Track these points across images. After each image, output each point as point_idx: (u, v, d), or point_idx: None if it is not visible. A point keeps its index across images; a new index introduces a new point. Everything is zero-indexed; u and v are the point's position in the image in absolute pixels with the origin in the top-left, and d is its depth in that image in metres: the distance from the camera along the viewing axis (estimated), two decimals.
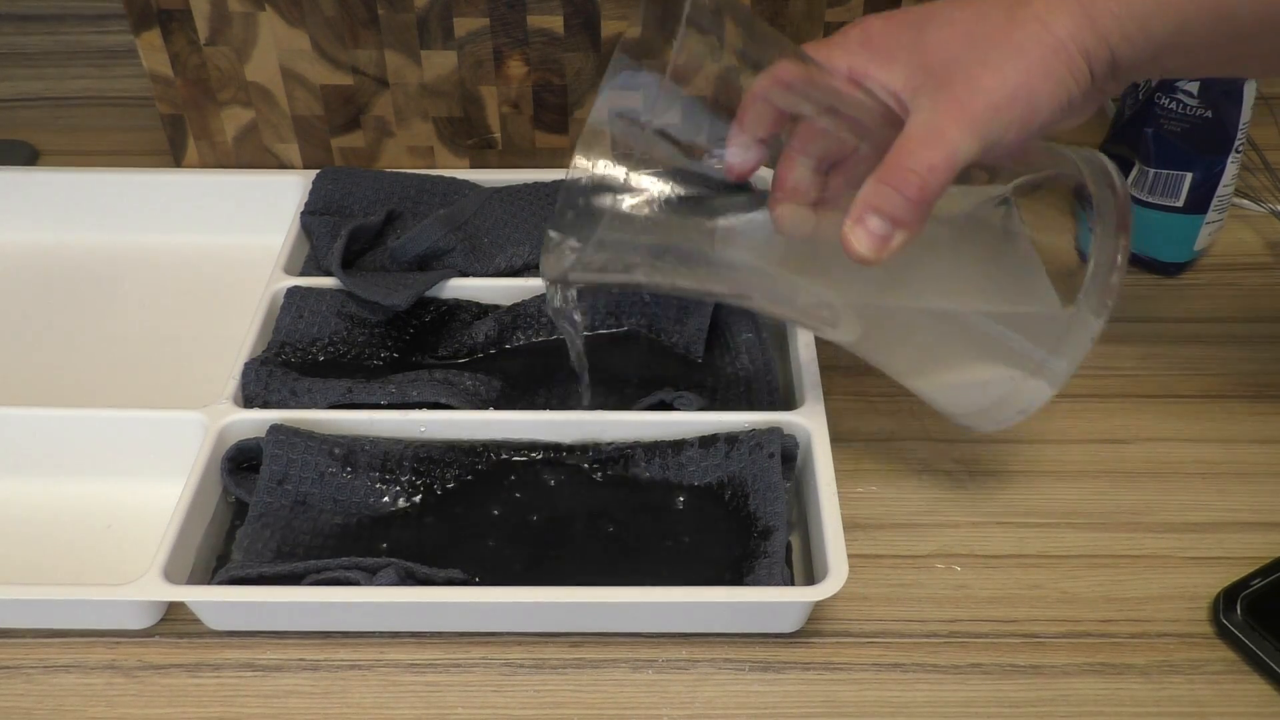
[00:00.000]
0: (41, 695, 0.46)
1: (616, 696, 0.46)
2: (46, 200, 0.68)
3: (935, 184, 0.41)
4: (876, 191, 0.41)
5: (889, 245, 0.42)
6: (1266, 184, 0.70)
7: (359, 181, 0.66)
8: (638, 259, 0.46)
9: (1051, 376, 0.46)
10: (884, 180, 0.41)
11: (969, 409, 0.50)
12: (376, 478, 0.50)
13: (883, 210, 0.41)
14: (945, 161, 0.41)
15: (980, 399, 0.49)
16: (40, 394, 0.58)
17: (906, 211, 0.41)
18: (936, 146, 0.41)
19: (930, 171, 0.41)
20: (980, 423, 0.50)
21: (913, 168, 0.41)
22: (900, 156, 0.41)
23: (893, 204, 0.41)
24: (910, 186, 0.41)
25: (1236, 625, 0.47)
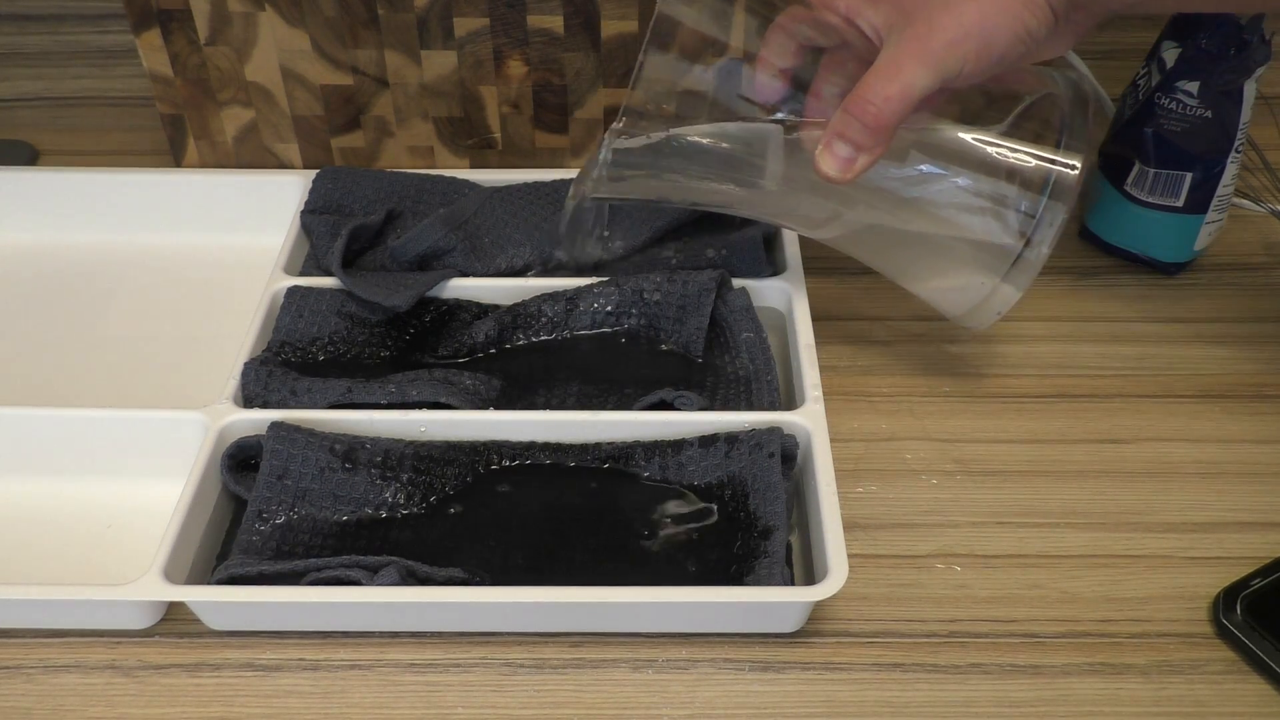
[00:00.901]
0: (41, 695, 0.46)
1: (616, 696, 0.46)
2: (46, 200, 0.68)
3: (891, 113, 0.47)
4: (842, 119, 0.48)
5: (853, 167, 0.48)
6: (1266, 184, 0.70)
7: (359, 181, 0.66)
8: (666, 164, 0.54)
9: (1018, 282, 0.53)
10: (848, 109, 0.47)
11: (955, 310, 0.56)
12: (376, 475, 0.50)
13: (846, 136, 0.48)
14: (901, 93, 0.46)
15: (961, 302, 0.55)
16: (40, 394, 0.58)
17: (866, 137, 0.47)
18: (894, 79, 0.47)
19: (886, 101, 0.46)
20: (969, 322, 0.56)
21: (871, 99, 0.47)
22: (863, 88, 0.47)
23: (854, 131, 0.47)
24: (868, 115, 0.47)
25: (1236, 625, 0.47)
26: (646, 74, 0.51)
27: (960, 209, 0.53)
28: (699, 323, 0.57)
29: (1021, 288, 0.53)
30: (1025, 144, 0.51)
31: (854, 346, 0.61)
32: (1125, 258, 0.66)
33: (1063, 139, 0.51)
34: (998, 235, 0.52)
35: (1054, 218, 0.51)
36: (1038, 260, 0.52)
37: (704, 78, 0.52)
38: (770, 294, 0.60)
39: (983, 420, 0.57)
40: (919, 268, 0.56)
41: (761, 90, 0.52)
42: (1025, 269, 0.52)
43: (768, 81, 0.52)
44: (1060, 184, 0.50)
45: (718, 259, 0.60)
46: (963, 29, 0.46)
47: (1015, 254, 0.52)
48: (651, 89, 0.52)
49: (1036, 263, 0.52)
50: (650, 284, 0.58)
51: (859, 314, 0.63)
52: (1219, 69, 0.59)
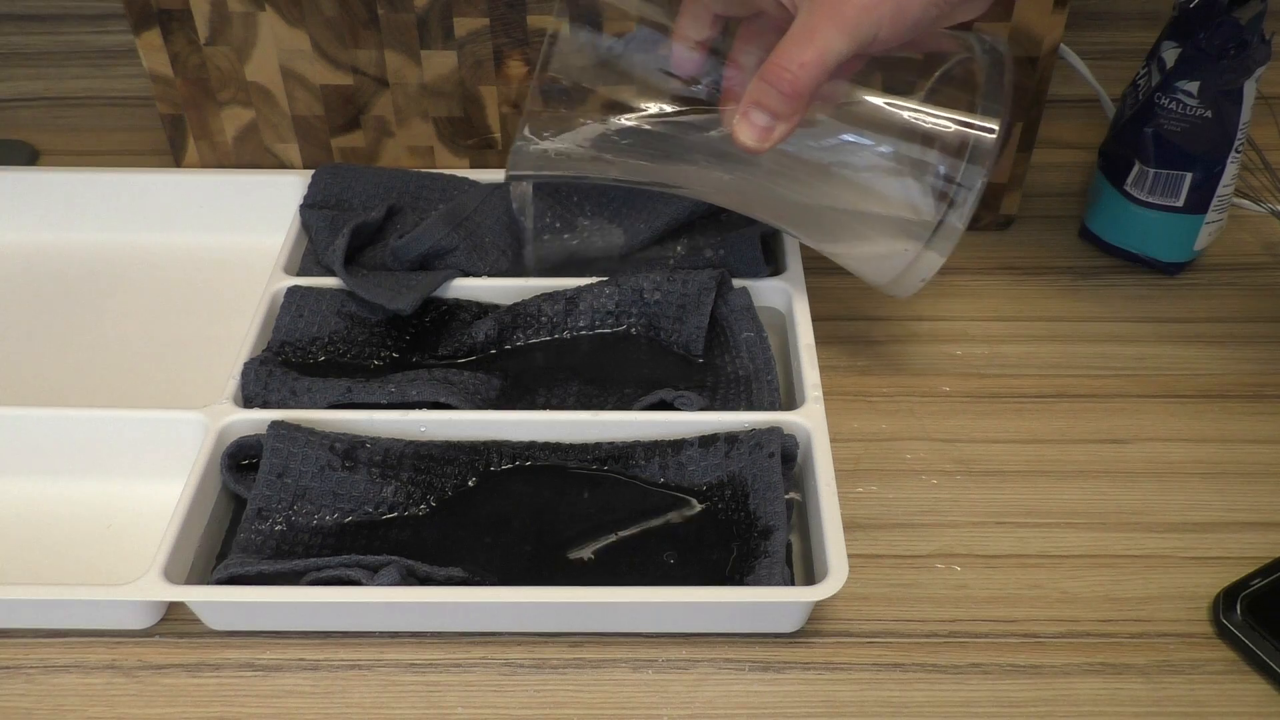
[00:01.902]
0: (41, 695, 0.46)
1: (616, 696, 0.46)
2: (46, 200, 0.68)
3: (806, 79, 0.46)
4: (758, 88, 0.47)
5: (771, 135, 0.48)
6: (1266, 184, 0.70)
7: (359, 177, 0.66)
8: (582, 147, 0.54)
9: (941, 248, 0.53)
10: (763, 77, 0.47)
11: (880, 279, 0.56)
12: (376, 475, 0.50)
13: (762, 104, 0.47)
14: (816, 59, 0.46)
15: (886, 270, 0.55)
16: (40, 394, 0.58)
17: (783, 105, 0.47)
18: (808, 45, 0.46)
19: (801, 68, 0.46)
20: (894, 290, 0.56)
21: (786, 66, 0.46)
22: (778, 55, 0.47)
23: (771, 99, 0.47)
24: (784, 82, 0.46)
25: (1236, 625, 0.47)
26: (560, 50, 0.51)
27: (880, 176, 0.53)
28: (699, 322, 0.57)
29: (944, 253, 0.53)
30: (943, 109, 0.51)
31: (854, 346, 0.61)
32: (1125, 258, 0.66)
33: (980, 102, 0.51)
34: (918, 202, 0.52)
35: (973, 181, 0.50)
36: (959, 225, 0.51)
37: (620, 52, 0.53)
38: (770, 294, 0.60)
39: (983, 420, 0.57)
40: (843, 236, 0.56)
41: (679, 63, 0.52)
42: (947, 235, 0.52)
43: (685, 54, 0.52)
44: (978, 147, 0.50)
45: (717, 259, 0.60)
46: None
47: (936, 220, 0.52)
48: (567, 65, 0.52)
49: (958, 228, 0.51)
50: (650, 283, 0.58)
51: (859, 314, 0.63)
52: (1219, 69, 0.59)
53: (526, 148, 0.55)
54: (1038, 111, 0.65)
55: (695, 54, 0.52)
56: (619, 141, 0.54)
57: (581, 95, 0.53)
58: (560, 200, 0.62)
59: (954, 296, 0.65)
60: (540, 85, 0.52)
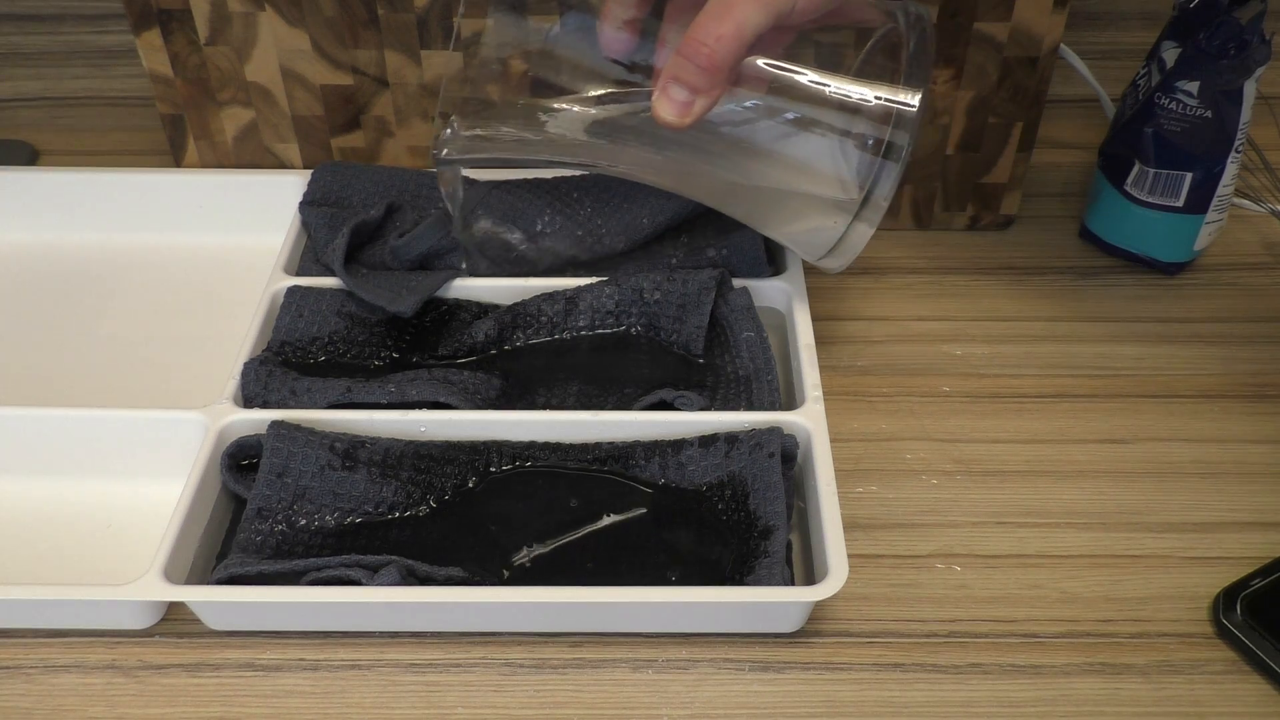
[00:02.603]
0: (41, 695, 0.46)
1: (616, 696, 0.46)
2: (46, 200, 0.68)
3: (724, 52, 0.46)
4: (676, 63, 0.47)
5: (691, 110, 0.48)
6: (1266, 184, 0.70)
7: (358, 175, 0.66)
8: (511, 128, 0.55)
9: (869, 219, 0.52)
10: (681, 52, 0.47)
11: (813, 253, 0.56)
12: (376, 474, 0.50)
13: (681, 79, 0.47)
14: (733, 32, 0.46)
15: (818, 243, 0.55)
16: (40, 394, 0.58)
17: (701, 79, 0.47)
18: (725, 18, 0.46)
19: (718, 41, 0.46)
20: (829, 264, 0.56)
21: (703, 40, 0.46)
22: (695, 30, 0.46)
23: (689, 73, 0.47)
24: (701, 56, 0.46)
25: (1236, 625, 0.47)
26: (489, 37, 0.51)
27: (807, 151, 0.52)
28: (699, 321, 0.57)
29: (873, 224, 0.52)
30: (867, 82, 0.51)
31: (854, 346, 0.61)
32: (1125, 258, 0.66)
33: (904, 73, 0.50)
34: (845, 175, 0.52)
35: (898, 153, 0.50)
36: (885, 197, 0.51)
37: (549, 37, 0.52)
38: (770, 294, 0.60)
39: (983, 420, 0.57)
40: (774, 212, 0.56)
41: (607, 43, 0.52)
42: (875, 207, 0.51)
43: (613, 34, 0.51)
44: (901, 118, 0.50)
45: (718, 258, 0.60)
46: None
47: (863, 193, 0.51)
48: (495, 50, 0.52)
49: (884, 200, 0.51)
50: (650, 283, 0.58)
51: (859, 314, 0.63)
52: (1219, 69, 0.59)
53: (454, 132, 0.54)
54: (1038, 111, 0.65)
55: (623, 34, 0.51)
56: (549, 124, 0.54)
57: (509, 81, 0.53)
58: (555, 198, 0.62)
59: (954, 296, 0.65)
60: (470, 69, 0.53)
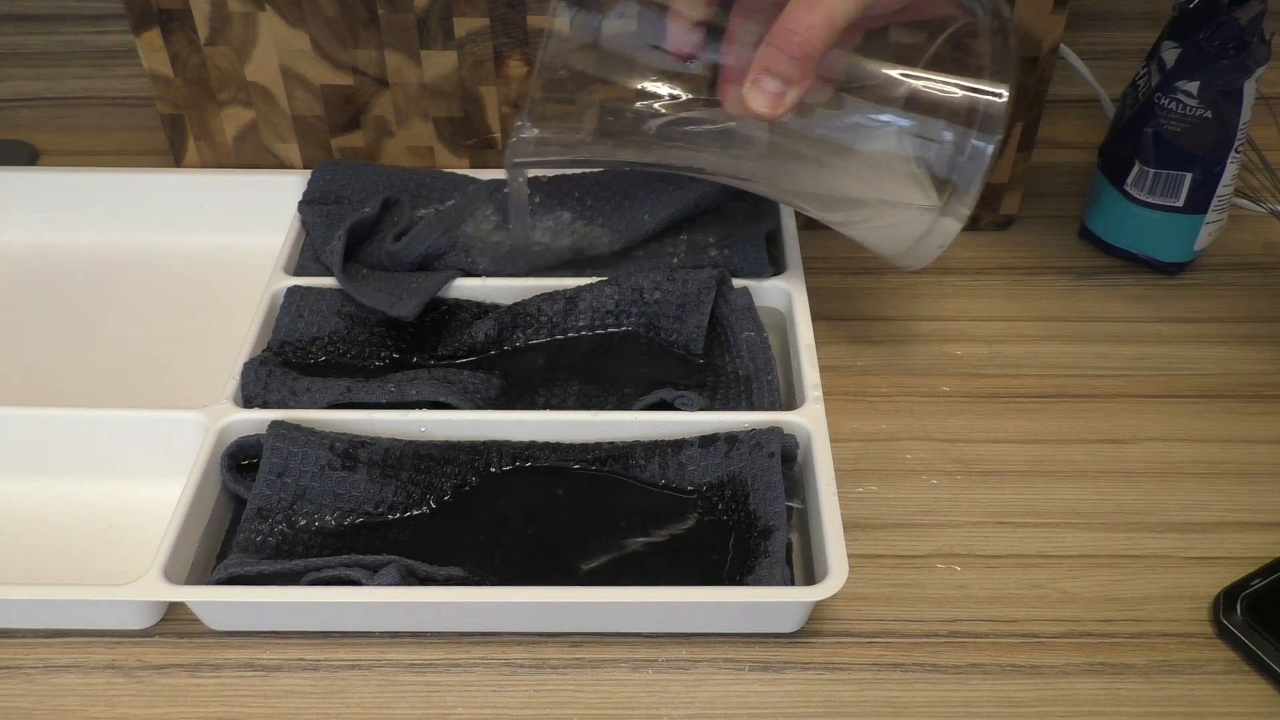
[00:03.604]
0: (41, 695, 0.46)
1: (616, 696, 0.46)
2: (46, 200, 0.68)
3: (816, 41, 0.46)
4: (767, 53, 0.47)
5: (784, 101, 0.48)
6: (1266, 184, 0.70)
7: (358, 174, 0.66)
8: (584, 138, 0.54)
9: (956, 213, 0.52)
10: (772, 43, 0.47)
11: (893, 249, 0.55)
12: (376, 474, 0.50)
13: (773, 70, 0.47)
14: (824, 20, 0.46)
15: (899, 239, 0.54)
16: (40, 394, 0.58)
17: (793, 69, 0.47)
18: (815, 8, 0.46)
19: (809, 29, 0.46)
20: (907, 260, 0.55)
21: (794, 29, 0.46)
22: (785, 20, 0.47)
23: (781, 63, 0.47)
24: (793, 46, 0.46)
25: (1236, 625, 0.47)
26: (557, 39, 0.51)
27: (890, 147, 0.52)
28: (699, 321, 0.57)
29: (961, 219, 0.52)
30: (951, 75, 0.51)
31: (854, 346, 0.61)
32: (1125, 258, 0.66)
33: (988, 66, 0.50)
34: (931, 169, 0.52)
35: (985, 147, 0.50)
36: (973, 191, 0.51)
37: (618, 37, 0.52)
38: (770, 294, 0.60)
39: (983, 420, 0.57)
40: (854, 209, 0.56)
41: (675, 42, 0.51)
42: (961, 202, 0.51)
43: (681, 33, 0.51)
44: (989, 112, 0.50)
45: (719, 258, 0.60)
46: None
47: (950, 187, 0.51)
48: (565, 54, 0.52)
49: (972, 194, 0.51)
50: (650, 282, 0.58)
51: (859, 314, 0.63)
52: (1219, 69, 0.59)
53: (526, 136, 0.55)
54: (1038, 111, 0.65)
55: (693, 33, 0.51)
56: (620, 127, 0.54)
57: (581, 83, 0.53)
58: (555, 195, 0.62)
59: (954, 296, 0.65)
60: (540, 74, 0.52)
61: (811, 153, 0.54)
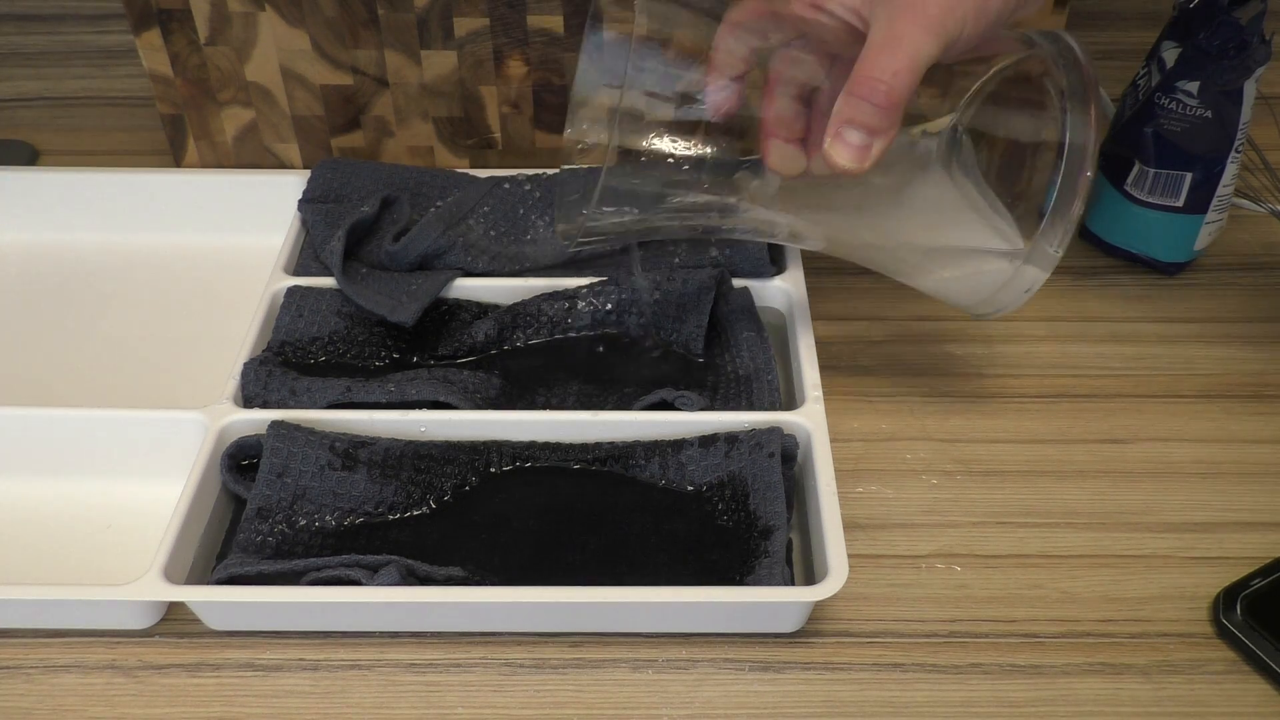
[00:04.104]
0: (41, 695, 0.46)
1: (616, 696, 0.46)
2: (46, 200, 0.68)
3: (902, 87, 0.43)
4: (848, 104, 0.44)
5: (870, 154, 0.44)
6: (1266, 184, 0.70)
7: (358, 172, 0.66)
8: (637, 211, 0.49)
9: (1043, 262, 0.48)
10: (854, 92, 0.44)
11: (972, 299, 0.52)
12: (376, 474, 0.50)
13: (856, 121, 0.44)
14: (908, 65, 0.43)
15: (980, 288, 0.51)
16: (40, 394, 0.58)
17: (879, 119, 0.44)
18: (898, 51, 0.43)
19: (895, 76, 0.43)
20: (989, 309, 0.52)
21: (878, 76, 0.43)
22: (866, 67, 0.43)
23: (865, 114, 0.44)
24: (879, 94, 0.43)
25: (1236, 625, 0.47)
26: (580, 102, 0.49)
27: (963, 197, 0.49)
28: (699, 321, 0.57)
29: (1052, 262, 0.48)
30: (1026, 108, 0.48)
31: (854, 346, 0.61)
32: (1125, 258, 0.66)
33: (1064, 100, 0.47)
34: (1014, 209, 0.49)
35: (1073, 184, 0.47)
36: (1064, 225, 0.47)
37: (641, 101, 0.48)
38: (770, 294, 0.60)
39: (983, 420, 0.57)
40: (921, 259, 0.52)
41: (716, 103, 0.48)
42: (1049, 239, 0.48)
43: (721, 89, 0.48)
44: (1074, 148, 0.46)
45: (720, 258, 0.60)
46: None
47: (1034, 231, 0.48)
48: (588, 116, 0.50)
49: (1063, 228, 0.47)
50: (650, 282, 0.58)
51: (859, 314, 0.63)
52: (1219, 69, 0.59)
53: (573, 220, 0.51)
54: None
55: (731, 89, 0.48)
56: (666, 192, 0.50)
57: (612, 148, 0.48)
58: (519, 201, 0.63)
59: None
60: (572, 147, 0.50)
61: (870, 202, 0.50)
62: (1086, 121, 0.46)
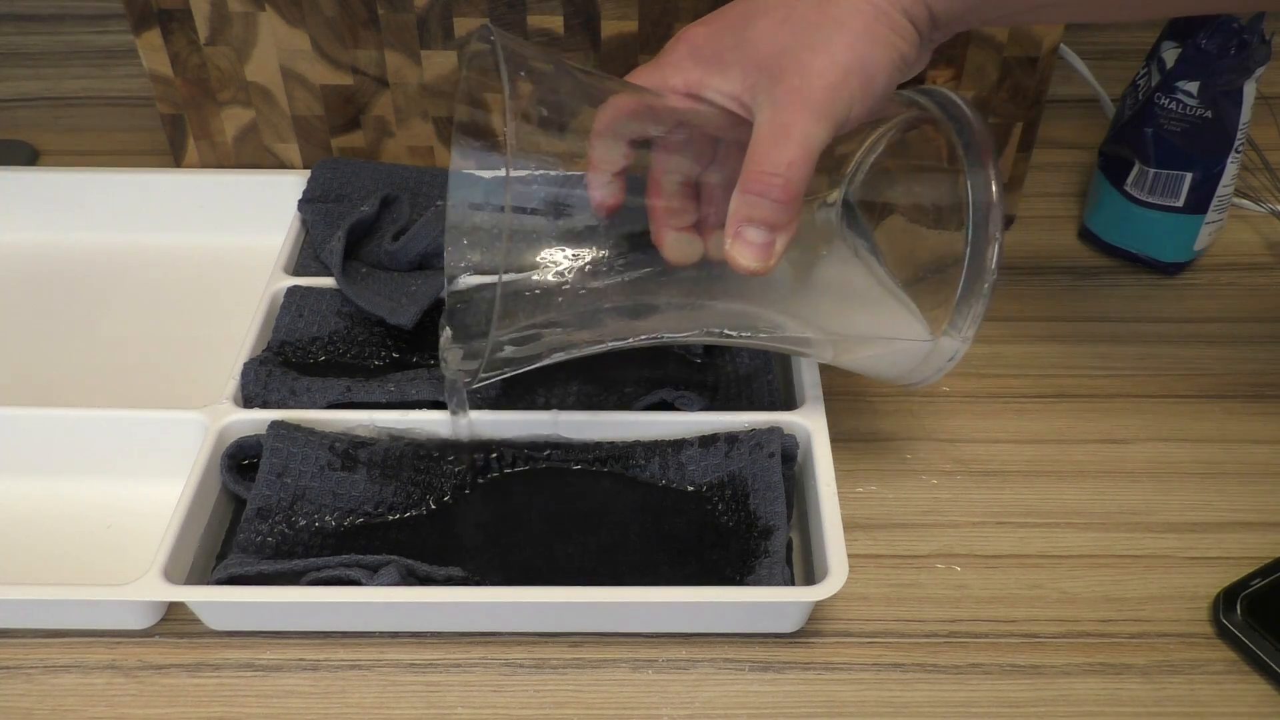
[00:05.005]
0: (41, 695, 0.46)
1: (616, 696, 0.46)
2: (46, 200, 0.68)
3: (797, 179, 0.41)
4: (745, 202, 0.42)
5: (773, 250, 0.42)
6: (1266, 184, 0.70)
7: (358, 172, 0.66)
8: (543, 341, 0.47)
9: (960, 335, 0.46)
10: (748, 190, 0.42)
11: (895, 374, 0.50)
12: (376, 474, 0.50)
13: (755, 219, 0.42)
14: (801, 154, 0.41)
15: (903, 364, 0.49)
16: (40, 394, 0.58)
17: (778, 213, 0.42)
18: (788, 142, 0.41)
19: (789, 168, 0.41)
20: (912, 380, 0.50)
21: (772, 170, 0.41)
22: (758, 162, 0.41)
23: (763, 210, 0.42)
24: (774, 189, 0.41)
25: (1236, 625, 0.47)
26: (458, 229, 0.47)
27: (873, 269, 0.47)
28: None
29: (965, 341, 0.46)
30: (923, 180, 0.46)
31: None
32: (1125, 258, 0.66)
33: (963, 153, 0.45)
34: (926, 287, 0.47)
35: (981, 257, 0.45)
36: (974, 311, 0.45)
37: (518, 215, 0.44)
38: None
39: (983, 420, 0.57)
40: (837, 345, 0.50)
41: (599, 199, 0.45)
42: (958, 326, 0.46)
43: (603, 188, 0.45)
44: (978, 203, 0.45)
45: None
46: (840, 69, 0.41)
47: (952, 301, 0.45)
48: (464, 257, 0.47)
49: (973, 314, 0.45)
50: None
51: None
52: (1219, 69, 0.59)
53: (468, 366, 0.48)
54: (1038, 111, 0.65)
55: (614, 186, 0.45)
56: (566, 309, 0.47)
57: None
58: None
59: None
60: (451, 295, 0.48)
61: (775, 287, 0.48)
62: (986, 179, 0.45)
